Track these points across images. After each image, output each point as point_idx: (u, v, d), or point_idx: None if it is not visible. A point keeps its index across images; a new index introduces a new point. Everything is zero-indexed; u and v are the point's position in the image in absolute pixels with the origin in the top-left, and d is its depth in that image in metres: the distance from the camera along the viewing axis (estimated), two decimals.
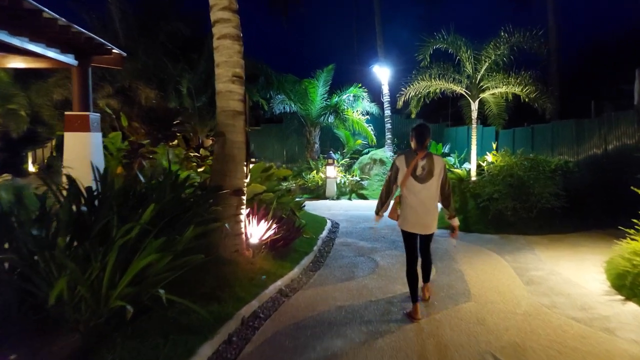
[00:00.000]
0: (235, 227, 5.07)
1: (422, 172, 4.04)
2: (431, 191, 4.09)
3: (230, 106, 5.10)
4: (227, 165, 5.07)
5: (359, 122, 18.35)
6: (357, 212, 12.77)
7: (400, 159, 4.16)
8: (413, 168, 4.03)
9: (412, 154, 4.14)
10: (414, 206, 4.10)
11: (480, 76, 10.45)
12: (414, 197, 4.08)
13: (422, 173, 4.04)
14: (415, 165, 4.03)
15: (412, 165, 4.03)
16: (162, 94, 17.67)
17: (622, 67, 18.39)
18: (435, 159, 4.12)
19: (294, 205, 7.70)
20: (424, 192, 4.06)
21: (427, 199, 4.09)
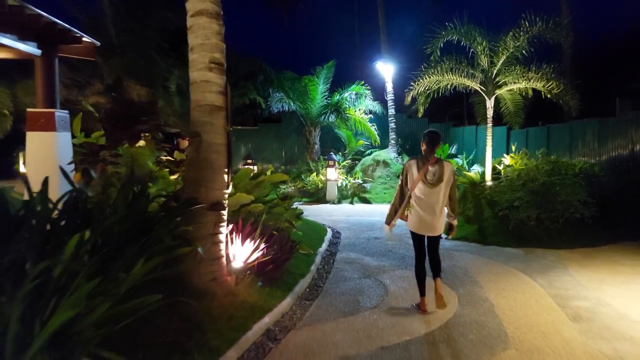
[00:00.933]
0: (213, 249, 4.09)
1: (432, 177, 4.20)
2: (440, 195, 4.25)
3: (207, 100, 4.11)
4: (203, 173, 4.09)
5: (362, 122, 17.37)
6: (359, 219, 11.79)
7: (411, 164, 4.33)
8: (424, 173, 4.19)
9: (423, 159, 4.30)
10: (423, 209, 4.27)
11: (497, 70, 9.45)
12: (423, 201, 4.26)
13: (433, 178, 4.20)
14: (426, 170, 4.20)
15: (423, 171, 4.20)
16: (152, 91, 16.70)
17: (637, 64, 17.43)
18: (445, 164, 4.28)
19: (289, 216, 6.71)
20: (433, 196, 4.23)
21: (435, 203, 4.26)
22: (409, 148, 18.67)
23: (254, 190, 6.04)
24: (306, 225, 9.32)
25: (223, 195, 4.22)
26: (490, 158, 9.72)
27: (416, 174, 4.24)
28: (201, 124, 4.13)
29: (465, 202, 9.73)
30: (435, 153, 4.34)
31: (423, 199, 4.25)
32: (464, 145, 17.45)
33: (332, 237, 8.79)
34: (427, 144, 4.31)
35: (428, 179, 4.20)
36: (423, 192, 4.23)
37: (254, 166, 16.86)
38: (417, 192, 4.27)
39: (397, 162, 17.19)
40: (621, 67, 18.65)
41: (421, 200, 4.26)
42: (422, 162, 4.27)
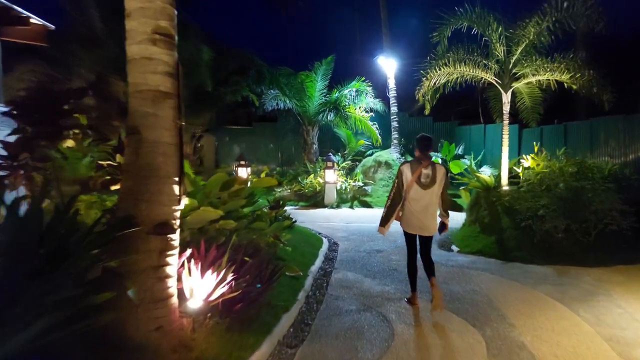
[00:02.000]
0: (157, 287, 2.99)
1: (426, 179, 4.34)
2: (433, 197, 4.40)
3: (150, 83, 3.02)
4: (144, 183, 3.00)
5: (362, 120, 16.26)
6: (360, 226, 10.69)
7: (406, 167, 4.48)
8: (418, 176, 4.34)
9: (417, 162, 4.44)
10: (416, 210, 4.43)
11: (514, 60, 8.33)
12: (417, 202, 4.42)
13: (427, 181, 4.34)
14: (419, 173, 4.35)
15: (417, 173, 4.35)
16: None
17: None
18: (438, 167, 4.43)
19: (275, 230, 5.62)
20: (426, 197, 4.39)
21: (429, 204, 4.42)
22: (412, 148, 17.55)
23: (229, 201, 4.95)
24: (299, 235, 8.24)
25: (172, 212, 3.12)
26: (507, 159, 8.60)
27: (410, 177, 4.41)
28: (142, 117, 3.03)
29: (478, 209, 8.62)
30: (429, 157, 4.49)
31: (417, 201, 4.42)
32: (472, 145, 16.34)
33: (328, 251, 7.69)
34: (420, 148, 4.46)
35: (422, 182, 4.36)
36: (417, 194, 4.40)
37: (247, 168, 15.79)
38: (411, 194, 4.44)
39: (400, 163, 16.07)
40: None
41: (415, 202, 4.44)
42: (416, 165, 4.43)
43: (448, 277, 5.89)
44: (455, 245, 8.00)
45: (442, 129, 18.37)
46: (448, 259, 7.01)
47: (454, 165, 14.82)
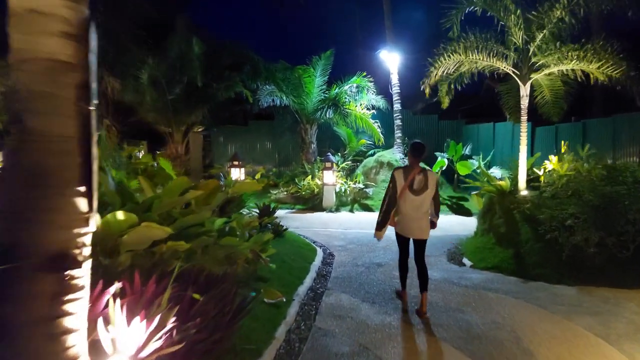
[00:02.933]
0: (47, 350, 2.03)
1: (419, 185, 4.40)
2: (425, 202, 4.47)
3: (41, 48, 2.05)
4: (30, 196, 2.04)
5: (363, 118, 15.28)
6: (359, 233, 9.72)
7: (398, 173, 4.53)
8: (410, 182, 4.41)
9: (409, 168, 4.52)
10: (410, 215, 4.50)
11: (535, 48, 7.34)
12: (410, 207, 4.49)
13: (419, 187, 4.40)
14: (412, 179, 4.41)
15: (409, 179, 4.41)
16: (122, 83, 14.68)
17: None
18: (429, 173, 4.49)
19: (253, 245, 4.65)
20: (419, 202, 4.44)
21: (422, 209, 4.49)
22: None
23: (195, 212, 3.98)
24: (290, 246, 7.28)
25: (76, 237, 2.15)
26: (525, 160, 7.60)
27: (403, 183, 4.45)
28: (30, 98, 2.06)
29: (492, 216, 7.63)
30: (420, 163, 4.55)
31: (410, 206, 4.48)
32: (480, 145, 15.33)
33: (322, 264, 6.72)
34: (413, 154, 4.54)
35: (415, 188, 4.42)
36: (410, 200, 4.45)
37: (241, 168, 14.84)
38: (404, 200, 4.48)
39: (404, 163, 15.10)
40: None
41: (408, 207, 4.49)
42: (408, 171, 4.49)
43: (463, 302, 4.91)
44: (467, 258, 7.02)
45: (448, 128, 17.37)
46: (460, 276, 6.03)
47: (461, 167, 13.83)
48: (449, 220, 11.93)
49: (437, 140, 16.99)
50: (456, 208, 13.37)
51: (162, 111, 15.65)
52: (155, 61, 14.11)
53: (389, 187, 4.61)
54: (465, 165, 13.79)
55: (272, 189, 15.34)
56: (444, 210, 13.22)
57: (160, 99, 15.18)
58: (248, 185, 5.60)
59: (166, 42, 15.36)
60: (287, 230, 8.39)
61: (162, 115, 15.83)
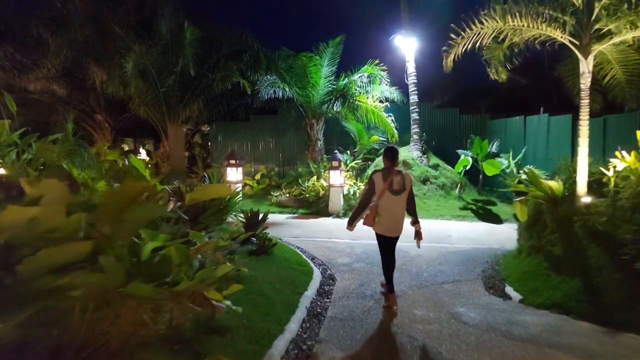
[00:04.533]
0: None
1: (398, 186, 4.66)
2: (402, 201, 4.73)
3: None
4: None
5: (375, 111, 13.57)
6: (369, 245, 8.06)
7: (377, 176, 4.77)
8: (390, 183, 4.65)
9: (387, 171, 4.75)
10: (389, 214, 4.73)
11: (600, 9, 5.55)
12: (388, 207, 4.72)
13: (398, 187, 4.66)
14: (391, 181, 4.67)
15: (388, 181, 4.67)
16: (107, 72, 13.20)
17: None
18: (405, 175, 4.77)
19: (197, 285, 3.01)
20: (397, 203, 4.71)
21: (399, 208, 4.75)
22: (435, 145, 14.80)
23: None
24: (278, 267, 5.65)
25: None
26: (586, 158, 5.82)
27: (382, 184, 4.70)
28: None
29: (541, 230, 5.88)
30: (395, 166, 4.84)
31: (389, 206, 4.71)
32: (509, 141, 13.48)
33: (317, 295, 5.07)
34: (389, 159, 4.82)
35: (394, 189, 4.67)
36: (389, 200, 4.69)
37: (238, 168, 13.26)
38: (384, 201, 4.71)
39: (422, 163, 13.34)
40: None
41: (387, 207, 4.72)
42: (386, 174, 4.73)
43: None
44: (513, 288, 5.29)
45: (470, 123, 15.54)
46: (509, 319, 4.30)
47: (488, 166, 12.02)
48: (476, 228, 10.19)
49: (459, 137, 15.21)
50: (483, 214, 11.59)
51: (154, 105, 14.18)
52: (143, 48, 12.61)
53: (367, 189, 4.87)
54: (493, 164, 11.98)
55: (274, 190, 13.74)
56: (468, 217, 11.48)
57: (151, 91, 13.70)
58: (213, 190, 3.96)
59: (157, 28, 13.91)
60: (278, 244, 6.78)
61: (155, 110, 14.35)
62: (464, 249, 8.04)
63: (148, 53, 12.72)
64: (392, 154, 4.83)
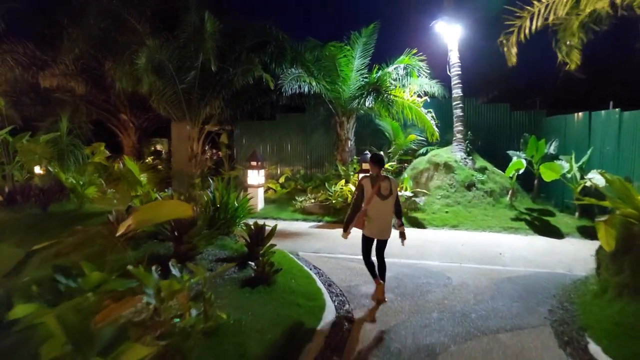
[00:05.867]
0: None
1: (385, 190, 4.89)
2: (389, 205, 4.95)
3: None
4: None
5: (413, 107, 12.06)
6: (405, 265, 6.69)
7: (366, 182, 4.97)
8: (378, 189, 4.87)
9: (375, 177, 4.96)
10: (377, 217, 4.92)
11: None
12: (377, 211, 4.92)
13: (386, 192, 4.89)
14: (379, 186, 4.88)
15: (376, 187, 4.88)
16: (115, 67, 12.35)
17: None
18: (392, 180, 5.02)
19: None
20: (385, 206, 4.93)
21: (387, 212, 4.97)
22: (481, 145, 13.08)
23: None
24: (277, 303, 4.36)
25: None
26: None
27: (370, 190, 4.89)
28: None
29: (632, 260, 4.27)
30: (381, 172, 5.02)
31: (378, 210, 4.90)
32: (569, 141, 11.59)
33: (323, 350, 3.71)
34: (376, 165, 5.00)
35: (382, 194, 4.88)
36: (378, 204, 4.89)
37: (260, 170, 12.11)
38: (372, 205, 4.89)
39: (466, 165, 11.69)
40: None
41: (376, 211, 4.90)
42: (374, 179, 4.94)
43: None
44: (600, 347, 3.73)
45: (523, 120, 13.70)
46: None
47: (546, 170, 10.24)
48: (532, 244, 8.57)
49: (509, 136, 13.44)
50: (539, 226, 9.86)
51: (174, 103, 13.26)
52: (157, 42, 11.66)
53: (356, 194, 5.06)
54: (552, 168, 10.20)
55: (299, 194, 12.48)
56: (522, 229, 9.76)
57: (169, 87, 12.78)
58: (167, 210, 2.70)
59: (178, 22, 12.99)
60: (284, 270, 5.47)
61: (175, 108, 13.44)
62: (520, 273, 6.48)
63: (164, 47, 11.77)
64: (379, 161, 5.05)
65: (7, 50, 12.62)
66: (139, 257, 4.53)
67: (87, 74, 14.18)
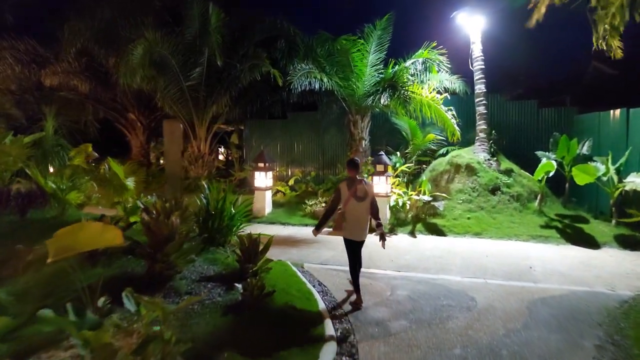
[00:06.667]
0: None
1: (361, 193, 5.07)
2: (365, 207, 5.11)
3: None
4: None
5: (432, 104, 11.18)
6: (420, 280, 5.91)
7: (343, 185, 5.17)
8: (354, 192, 5.07)
9: (352, 181, 5.15)
10: (355, 219, 5.12)
11: None
12: (354, 213, 5.11)
13: (362, 194, 5.07)
14: (355, 189, 5.08)
15: (353, 190, 5.08)
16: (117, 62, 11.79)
17: None
18: (367, 183, 5.19)
19: None
20: (362, 209, 5.10)
21: (364, 214, 5.13)
22: (506, 145, 12.13)
23: None
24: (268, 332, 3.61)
25: None
26: None
27: (347, 193, 5.08)
28: None
29: None
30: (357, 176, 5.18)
31: (354, 212, 5.09)
32: (604, 141, 10.56)
33: None
34: (352, 170, 5.20)
35: (359, 196, 5.05)
36: (355, 207, 5.07)
37: (267, 172, 11.42)
38: (350, 208, 5.09)
39: (490, 167, 10.77)
40: None
41: (353, 213, 5.09)
42: (350, 183, 5.13)
43: None
44: None
45: (552, 118, 12.68)
46: None
47: (580, 173, 9.28)
48: (565, 255, 7.70)
49: (537, 135, 12.46)
50: (571, 234, 8.92)
51: (180, 101, 12.69)
52: (158, 35, 11.07)
53: (334, 196, 5.27)
54: (587, 170, 9.23)
55: (310, 198, 11.75)
56: (553, 238, 8.81)
57: (173, 84, 12.19)
58: (85, 236, 2.00)
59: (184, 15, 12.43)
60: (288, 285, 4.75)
61: (180, 106, 12.87)
62: (555, 292, 5.63)
63: (164, 40, 11.16)
64: (356, 166, 5.21)
65: (6, 47, 12.21)
66: (106, 277, 3.86)
67: (91, 71, 13.72)
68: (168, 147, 7.14)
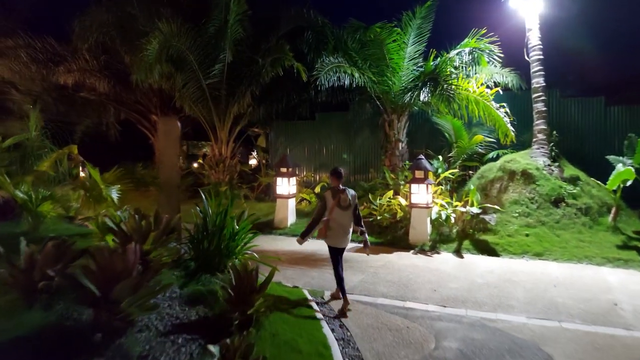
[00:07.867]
0: None
1: (345, 202, 5.17)
2: (349, 215, 5.21)
3: None
4: None
5: (480, 101, 9.64)
6: (478, 321, 4.46)
7: (328, 194, 5.26)
8: (338, 200, 5.17)
9: (336, 189, 5.24)
10: (339, 227, 5.19)
11: None
12: (338, 221, 5.18)
13: (346, 203, 5.17)
14: (339, 198, 5.18)
15: (337, 198, 5.18)
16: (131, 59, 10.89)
17: None
18: (350, 192, 5.27)
19: None
20: (346, 217, 5.20)
21: (349, 222, 5.24)
22: (569, 148, 10.35)
23: None
24: None
25: None
26: None
27: (332, 201, 5.16)
28: None
29: None
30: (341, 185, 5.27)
31: (338, 220, 5.16)
32: None
33: None
34: (336, 179, 5.30)
35: (342, 205, 5.15)
36: (339, 215, 5.16)
37: (291, 178, 10.19)
38: (334, 216, 5.16)
39: (551, 174, 9.10)
40: None
41: (337, 221, 5.16)
42: (335, 192, 5.22)
43: None
44: None
45: (622, 118, 10.84)
46: None
47: None
48: None
49: (605, 137, 10.70)
50: None
51: (200, 100, 11.68)
52: (174, 27, 10.07)
53: (320, 205, 5.32)
54: None
55: None
56: (635, 263, 7.03)
57: (192, 82, 11.19)
58: None
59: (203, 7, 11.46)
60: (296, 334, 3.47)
61: (201, 106, 11.87)
62: None
63: (181, 34, 10.16)
64: (339, 175, 5.31)
65: (22, 45, 11.58)
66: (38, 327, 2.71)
67: (110, 70, 12.94)
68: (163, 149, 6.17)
